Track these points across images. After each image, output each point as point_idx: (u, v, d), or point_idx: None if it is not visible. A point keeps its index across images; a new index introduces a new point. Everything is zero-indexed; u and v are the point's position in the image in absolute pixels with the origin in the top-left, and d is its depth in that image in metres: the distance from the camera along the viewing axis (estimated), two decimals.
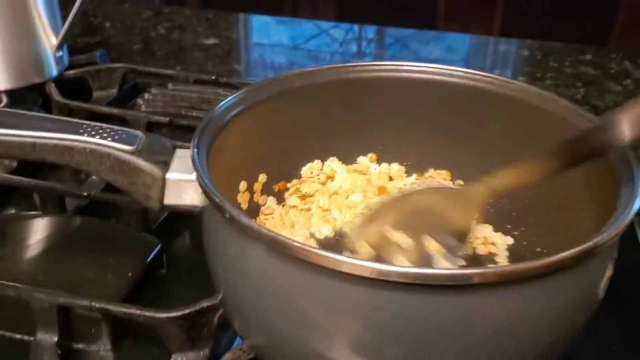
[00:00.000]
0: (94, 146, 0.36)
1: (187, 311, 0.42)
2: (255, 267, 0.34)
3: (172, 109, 0.69)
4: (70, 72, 0.75)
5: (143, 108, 0.69)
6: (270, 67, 0.92)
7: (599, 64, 0.95)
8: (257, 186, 0.48)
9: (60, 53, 0.72)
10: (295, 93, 0.47)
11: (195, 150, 0.37)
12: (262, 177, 0.48)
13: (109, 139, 0.37)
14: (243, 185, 0.46)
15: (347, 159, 0.52)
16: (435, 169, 0.52)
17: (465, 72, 0.48)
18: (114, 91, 0.76)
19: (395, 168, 0.52)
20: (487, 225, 0.49)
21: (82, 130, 0.37)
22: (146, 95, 0.72)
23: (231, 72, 0.90)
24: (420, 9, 1.62)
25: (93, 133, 0.37)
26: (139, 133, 0.38)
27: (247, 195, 0.47)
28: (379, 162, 0.52)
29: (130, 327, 0.44)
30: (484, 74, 0.48)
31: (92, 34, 1.01)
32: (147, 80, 0.78)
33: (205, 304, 0.42)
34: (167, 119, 0.65)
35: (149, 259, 0.50)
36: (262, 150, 0.47)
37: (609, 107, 0.83)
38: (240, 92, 0.44)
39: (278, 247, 0.31)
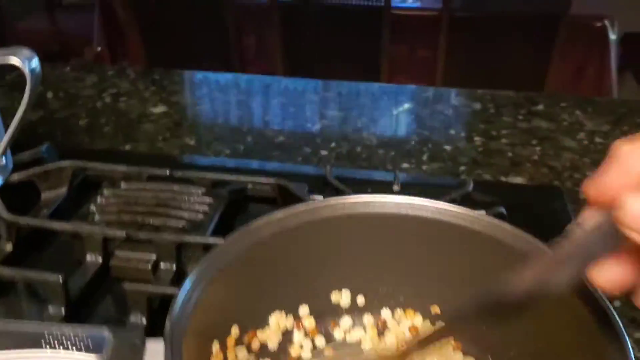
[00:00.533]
0: None
1: None
2: None
3: (127, 215, 0.66)
4: (16, 175, 0.71)
5: (97, 217, 0.66)
6: (222, 140, 0.90)
7: (552, 115, 0.96)
8: (230, 341, 0.46)
9: (3, 161, 0.68)
10: (259, 246, 0.46)
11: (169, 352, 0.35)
12: (235, 331, 0.46)
13: (74, 347, 0.34)
14: (215, 345, 0.44)
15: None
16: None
17: (431, 204, 0.48)
18: (63, 190, 0.73)
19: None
20: None
21: (44, 342, 0.35)
22: (99, 200, 0.68)
23: (184, 148, 0.88)
24: (364, 63, 1.64)
25: (56, 343, 0.35)
26: (104, 334, 0.36)
27: (220, 355, 0.45)
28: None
29: None
30: (449, 206, 0.47)
31: (34, 107, 0.96)
32: (97, 174, 0.75)
33: None
34: (124, 233, 0.62)
35: None
36: (232, 307, 0.45)
37: (566, 169, 0.83)
38: (199, 267, 0.42)
39: None
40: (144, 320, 0.56)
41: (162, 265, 0.62)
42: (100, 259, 0.63)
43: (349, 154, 0.87)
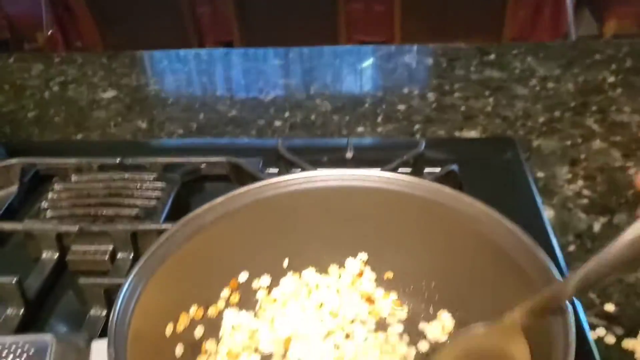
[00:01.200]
0: None
1: None
2: None
3: (80, 209, 0.65)
4: None
5: (49, 213, 0.65)
6: (174, 120, 0.89)
7: (503, 64, 0.96)
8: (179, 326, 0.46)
9: None
10: (206, 230, 0.45)
11: (112, 354, 0.35)
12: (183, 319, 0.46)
13: (17, 358, 0.34)
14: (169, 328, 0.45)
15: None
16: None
17: (380, 177, 0.48)
18: (13, 188, 0.72)
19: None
20: None
21: None
22: (50, 195, 0.67)
23: (136, 132, 0.87)
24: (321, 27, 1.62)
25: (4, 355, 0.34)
26: (47, 339, 0.36)
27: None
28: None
29: None
30: (399, 176, 0.47)
31: None
32: (47, 168, 0.74)
33: None
34: (77, 227, 0.62)
35: None
36: (178, 296, 0.45)
37: (519, 117, 0.84)
38: (144, 257, 0.42)
39: None
40: (104, 313, 0.56)
41: (119, 255, 0.62)
42: (56, 255, 0.62)
43: (303, 123, 0.86)
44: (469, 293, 0.45)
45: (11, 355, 0.34)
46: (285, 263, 0.51)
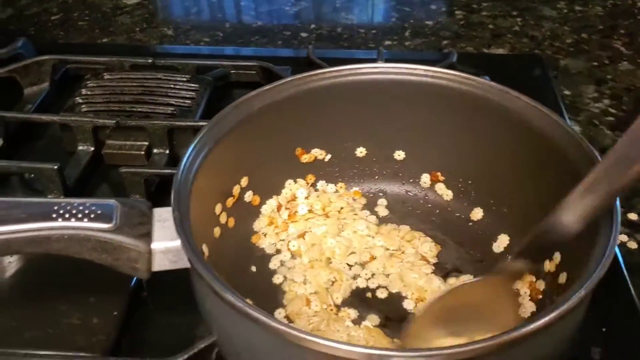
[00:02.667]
0: (72, 231, 0.35)
1: (186, 356, 0.42)
2: (243, 335, 0.35)
3: (115, 105, 0.66)
4: None
5: (84, 108, 0.66)
6: (200, 29, 0.88)
7: None
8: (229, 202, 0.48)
9: None
10: (258, 115, 0.46)
11: (178, 216, 0.36)
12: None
13: (85, 219, 0.36)
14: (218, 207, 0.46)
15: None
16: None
17: (426, 70, 0.48)
18: (45, 85, 0.72)
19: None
20: None
21: (54, 215, 0.36)
22: (83, 91, 0.68)
23: (163, 39, 0.86)
24: None
25: (67, 216, 0.36)
26: (113, 203, 0.37)
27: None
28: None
29: None
30: (446, 71, 0.48)
31: (2, 4, 0.93)
32: (78, 67, 0.74)
33: (201, 344, 0.43)
34: (114, 121, 0.62)
35: (131, 285, 0.49)
36: (233, 170, 0.47)
37: (547, 38, 0.84)
38: (202, 132, 0.43)
39: (260, 326, 0.32)
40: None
41: (155, 150, 0.63)
42: (92, 149, 0.63)
43: (329, 35, 0.86)
44: (512, 189, 0.47)
45: (80, 214, 0.36)
46: (328, 158, 0.52)
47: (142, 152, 0.62)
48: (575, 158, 0.42)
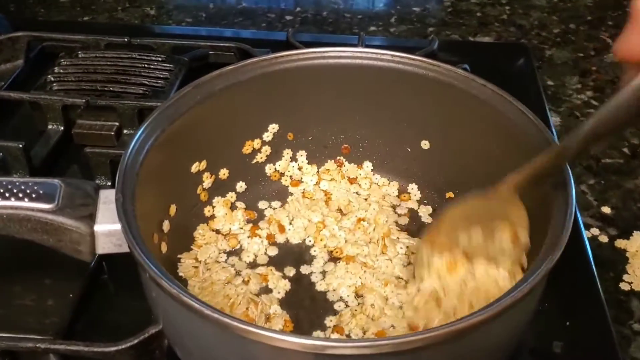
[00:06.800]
0: (10, 211, 0.34)
1: (136, 341, 0.41)
2: (185, 323, 0.34)
3: (86, 84, 0.65)
4: None
5: (55, 86, 0.65)
6: (183, 8, 0.87)
7: None
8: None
9: None
10: (219, 96, 0.45)
11: (120, 198, 0.36)
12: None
13: (26, 198, 0.35)
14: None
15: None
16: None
17: (393, 56, 0.47)
18: (19, 62, 0.71)
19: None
20: None
21: None
22: (56, 69, 0.67)
23: (144, 18, 0.85)
24: None
25: (7, 195, 0.35)
26: (56, 183, 0.36)
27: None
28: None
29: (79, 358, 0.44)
30: (413, 57, 0.47)
31: None
32: (53, 44, 0.73)
33: (152, 330, 0.42)
34: (84, 100, 0.61)
35: (90, 267, 0.48)
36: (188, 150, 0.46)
37: (534, 27, 0.82)
38: (156, 112, 0.42)
39: (199, 315, 0.32)
40: (109, 184, 0.56)
41: (125, 131, 0.62)
42: (61, 128, 0.62)
43: (314, 19, 0.85)
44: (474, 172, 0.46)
45: (21, 194, 0.35)
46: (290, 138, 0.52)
47: (112, 133, 0.61)
48: (538, 144, 0.41)
